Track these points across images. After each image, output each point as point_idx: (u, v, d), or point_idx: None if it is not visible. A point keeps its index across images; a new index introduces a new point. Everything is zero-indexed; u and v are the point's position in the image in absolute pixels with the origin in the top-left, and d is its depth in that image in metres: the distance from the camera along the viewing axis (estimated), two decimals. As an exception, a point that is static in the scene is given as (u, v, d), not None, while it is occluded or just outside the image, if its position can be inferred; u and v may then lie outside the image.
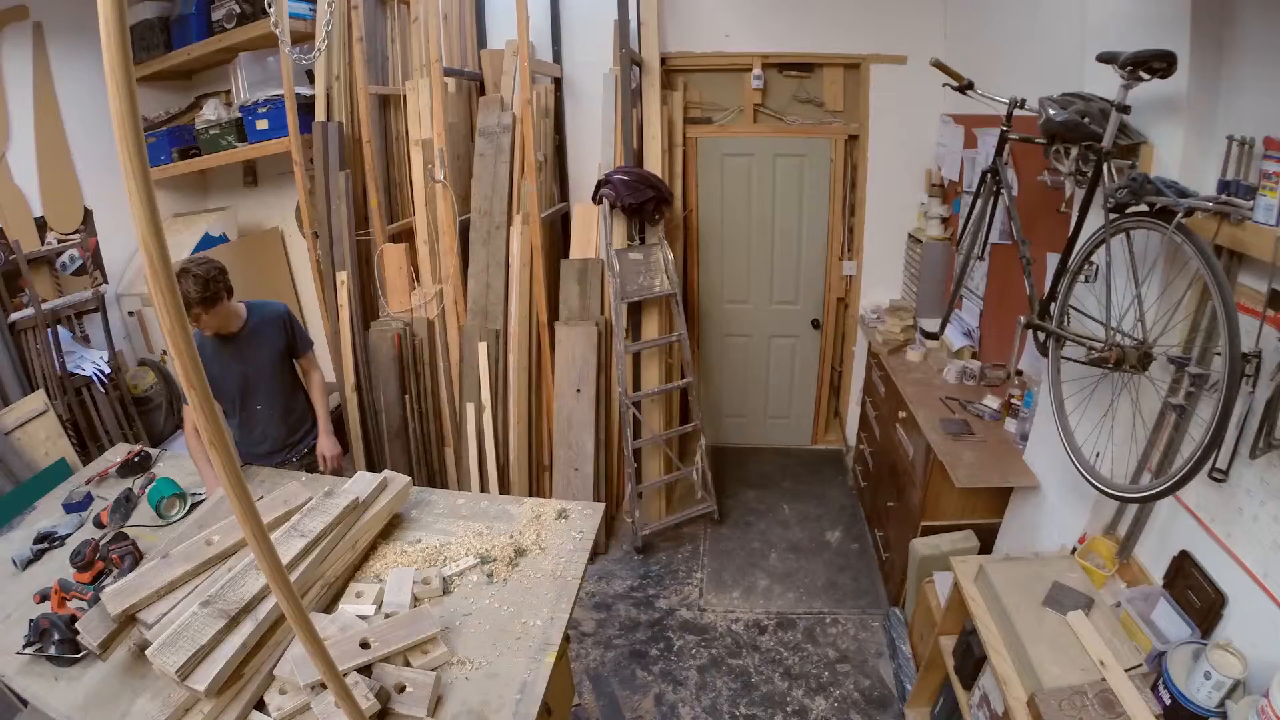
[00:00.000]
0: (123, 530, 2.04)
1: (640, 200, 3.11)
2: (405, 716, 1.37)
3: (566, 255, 3.40)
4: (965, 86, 2.23)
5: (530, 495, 3.39)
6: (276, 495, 1.91)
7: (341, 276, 3.31)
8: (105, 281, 3.51)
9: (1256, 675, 1.31)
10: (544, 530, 2.04)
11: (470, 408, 3.31)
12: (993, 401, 2.62)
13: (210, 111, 3.62)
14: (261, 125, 3.44)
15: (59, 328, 3.16)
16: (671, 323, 3.32)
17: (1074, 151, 1.79)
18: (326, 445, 2.56)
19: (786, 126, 3.60)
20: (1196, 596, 1.51)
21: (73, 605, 1.70)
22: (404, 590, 1.69)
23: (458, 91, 3.43)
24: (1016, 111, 2.10)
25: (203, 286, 2.14)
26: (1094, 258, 1.75)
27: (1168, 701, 1.39)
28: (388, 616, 1.62)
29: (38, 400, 2.62)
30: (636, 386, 3.28)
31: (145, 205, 0.58)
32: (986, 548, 2.45)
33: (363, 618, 1.62)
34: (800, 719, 2.45)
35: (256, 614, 1.46)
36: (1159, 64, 1.53)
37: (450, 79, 3.25)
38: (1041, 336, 1.97)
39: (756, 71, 3.46)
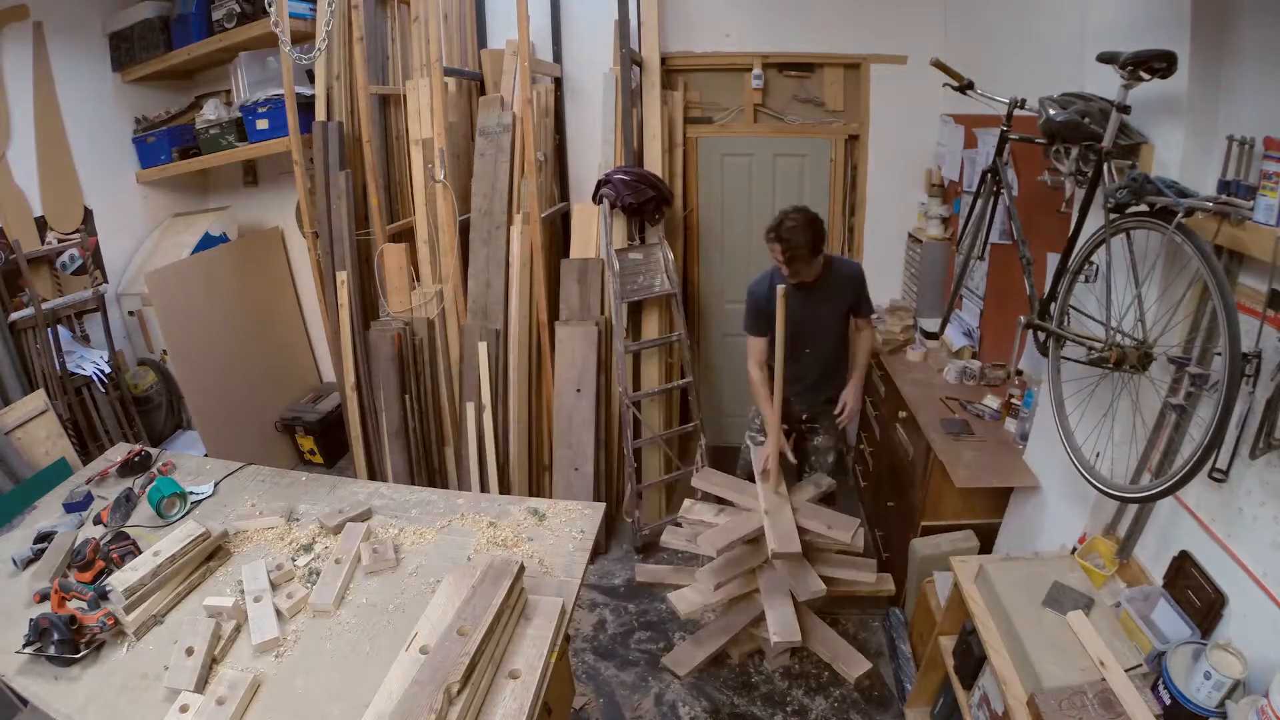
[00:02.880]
0: (123, 530, 2.04)
1: (640, 200, 3.11)
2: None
3: (566, 255, 3.40)
4: (965, 86, 2.23)
5: (530, 495, 3.39)
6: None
7: (342, 276, 3.31)
8: (105, 281, 3.51)
9: (1256, 675, 1.31)
10: (544, 530, 2.04)
11: (470, 407, 3.31)
12: (993, 401, 2.62)
13: (210, 111, 3.62)
14: (262, 125, 3.44)
15: (59, 327, 3.16)
16: (671, 322, 3.32)
17: (1074, 151, 1.79)
18: (852, 395, 2.65)
19: (786, 126, 3.60)
20: (1196, 596, 1.51)
21: (73, 605, 1.70)
22: (260, 579, 1.78)
23: (458, 91, 3.43)
24: (1016, 111, 2.10)
25: (812, 240, 2.34)
26: (1094, 258, 1.75)
27: (1167, 701, 1.39)
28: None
29: (38, 400, 2.62)
30: (636, 386, 3.28)
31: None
32: (986, 548, 2.45)
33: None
34: (800, 718, 2.45)
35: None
36: (1159, 64, 1.53)
37: (450, 79, 3.25)
38: (1041, 336, 1.97)
39: (756, 71, 3.46)
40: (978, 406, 2.66)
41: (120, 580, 1.68)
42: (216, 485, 2.32)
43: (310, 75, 3.40)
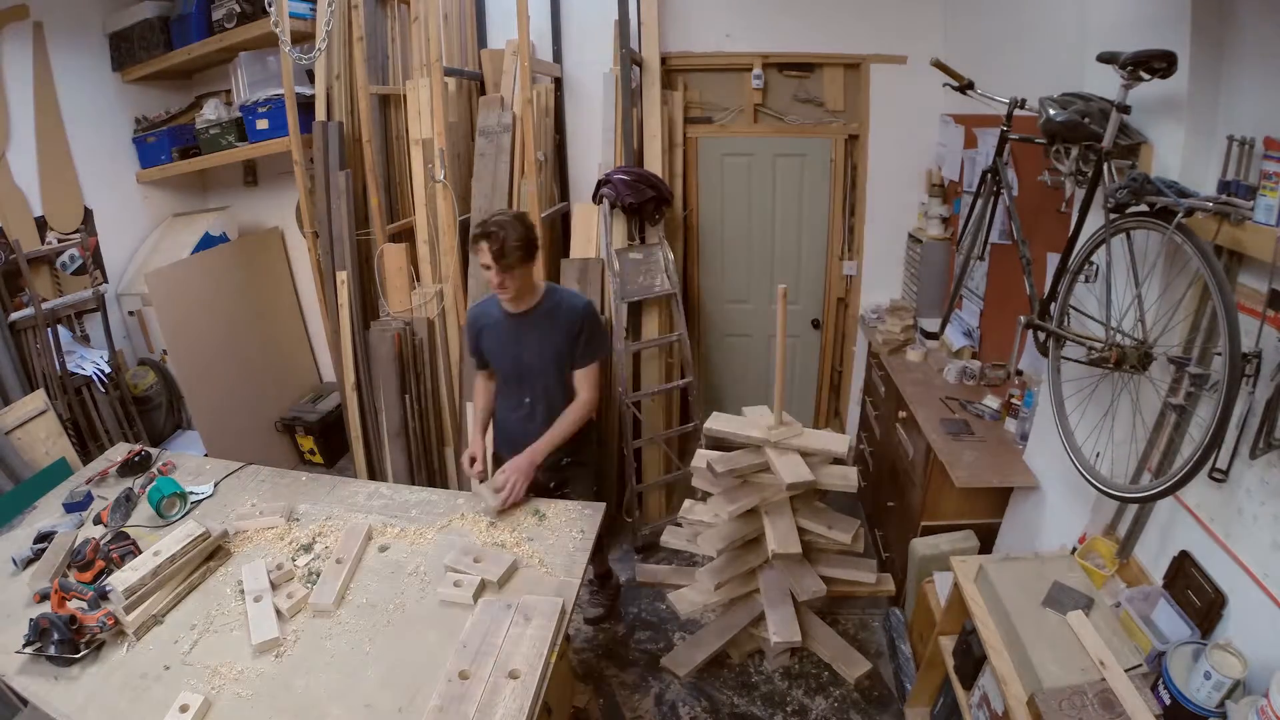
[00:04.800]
0: (123, 530, 2.04)
1: (640, 200, 3.11)
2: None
3: (566, 255, 3.39)
4: (965, 86, 2.23)
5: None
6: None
7: (342, 276, 3.31)
8: (105, 281, 3.51)
9: (1256, 675, 1.31)
10: (544, 530, 2.04)
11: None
12: (993, 401, 2.62)
13: (210, 111, 3.61)
14: (262, 125, 3.44)
15: (59, 327, 3.16)
16: (671, 322, 3.32)
17: (1074, 151, 1.79)
18: (515, 466, 2.14)
19: (787, 126, 3.60)
20: (1196, 596, 1.51)
21: (73, 605, 1.70)
22: (260, 579, 1.80)
23: (458, 91, 3.43)
24: (1016, 111, 2.10)
25: (524, 239, 2.05)
26: (1094, 258, 1.75)
27: (1167, 701, 1.39)
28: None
29: (38, 400, 2.62)
30: (636, 386, 3.28)
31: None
32: (986, 548, 2.45)
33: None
34: (800, 718, 2.45)
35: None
36: (1159, 64, 1.53)
37: (450, 78, 3.25)
38: (1041, 336, 1.97)
39: (756, 71, 3.46)
40: (978, 406, 2.66)
41: (120, 580, 1.69)
42: (216, 485, 2.32)
43: (310, 75, 3.40)
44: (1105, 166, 1.66)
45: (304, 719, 1.47)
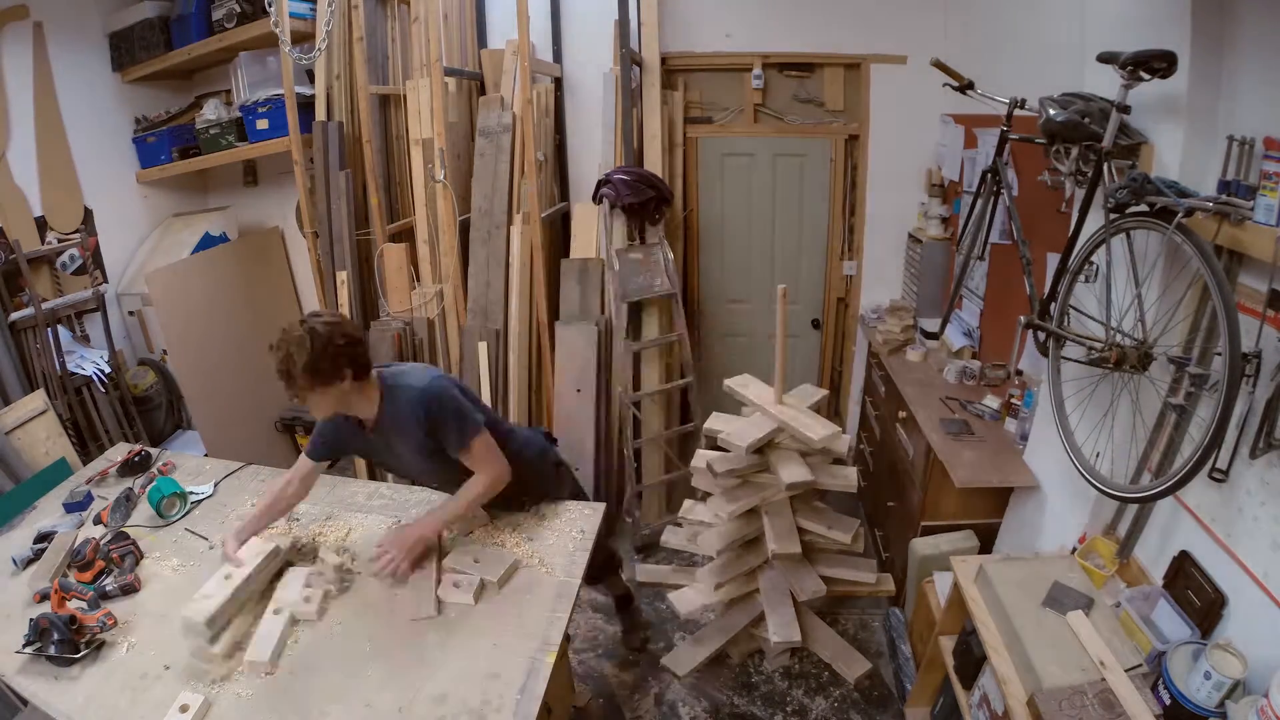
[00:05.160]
0: (123, 530, 2.04)
1: (640, 200, 3.11)
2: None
3: (566, 255, 3.39)
4: (965, 86, 2.23)
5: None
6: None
7: (342, 276, 3.31)
8: (105, 281, 3.51)
9: (1256, 675, 1.31)
10: (544, 530, 2.04)
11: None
12: (993, 401, 2.62)
13: (210, 111, 3.61)
14: (262, 125, 3.44)
15: (59, 327, 3.16)
16: (672, 322, 3.32)
17: (1074, 151, 1.79)
18: (400, 540, 1.82)
19: (787, 126, 3.60)
20: (1196, 596, 1.51)
21: (73, 605, 1.70)
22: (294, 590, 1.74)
23: (458, 91, 3.43)
24: (1016, 111, 2.10)
25: (313, 360, 1.63)
26: (1094, 258, 1.75)
27: (1167, 701, 1.39)
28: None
29: (38, 400, 2.62)
30: (637, 386, 3.28)
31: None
32: (986, 548, 2.45)
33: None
34: (800, 718, 2.45)
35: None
36: (1159, 64, 1.53)
37: (450, 78, 3.25)
38: (1041, 336, 1.97)
39: (757, 71, 3.46)
40: (978, 406, 2.65)
41: (197, 611, 1.59)
42: (216, 485, 2.32)
43: (310, 75, 3.40)
44: (1105, 166, 1.66)
45: (304, 719, 1.47)
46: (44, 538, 2.02)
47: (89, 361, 3.28)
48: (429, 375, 1.85)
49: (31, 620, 1.61)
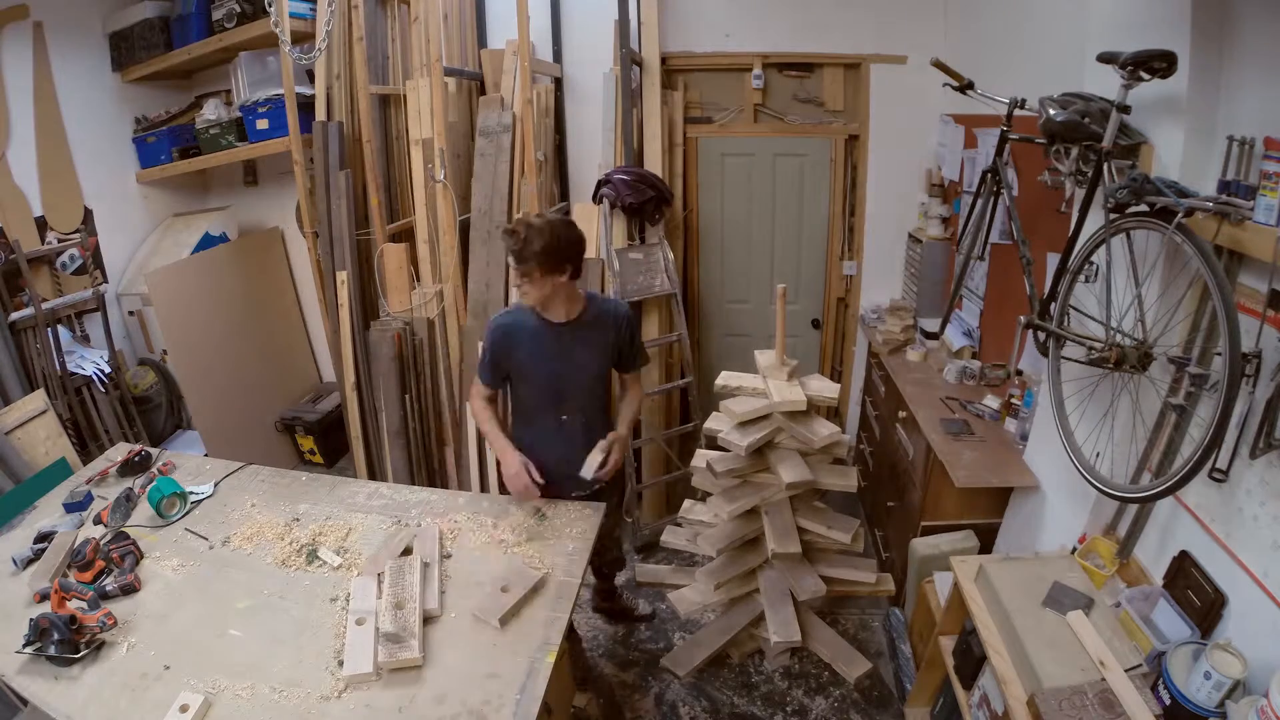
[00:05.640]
0: (123, 529, 2.04)
1: (640, 200, 3.11)
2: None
3: (567, 255, 3.39)
4: (965, 86, 2.23)
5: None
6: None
7: (342, 276, 3.31)
8: (105, 281, 3.51)
9: (1256, 675, 1.31)
10: (544, 530, 2.04)
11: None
12: (993, 401, 2.62)
13: (210, 111, 3.61)
14: (262, 125, 3.44)
15: (59, 327, 3.16)
16: (671, 322, 3.32)
17: (1074, 151, 1.79)
18: (616, 448, 2.13)
19: (787, 126, 3.60)
20: (1196, 596, 1.51)
21: (73, 605, 1.70)
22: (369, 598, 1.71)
23: (458, 91, 3.43)
24: (1016, 111, 2.10)
25: (547, 248, 1.84)
26: (1094, 258, 1.75)
27: (1167, 701, 1.39)
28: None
29: (38, 400, 2.62)
30: (636, 386, 3.28)
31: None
32: (986, 548, 2.45)
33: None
34: (800, 718, 2.45)
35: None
36: (1159, 64, 1.53)
37: (450, 78, 3.25)
38: (1041, 336, 1.97)
39: (757, 71, 3.46)
40: (978, 406, 2.66)
41: (385, 623, 1.62)
42: (216, 485, 2.32)
43: (310, 75, 3.40)
44: (1105, 166, 1.66)
45: (305, 718, 1.47)
46: (44, 538, 2.02)
47: (89, 361, 3.28)
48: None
49: (31, 620, 1.61)
